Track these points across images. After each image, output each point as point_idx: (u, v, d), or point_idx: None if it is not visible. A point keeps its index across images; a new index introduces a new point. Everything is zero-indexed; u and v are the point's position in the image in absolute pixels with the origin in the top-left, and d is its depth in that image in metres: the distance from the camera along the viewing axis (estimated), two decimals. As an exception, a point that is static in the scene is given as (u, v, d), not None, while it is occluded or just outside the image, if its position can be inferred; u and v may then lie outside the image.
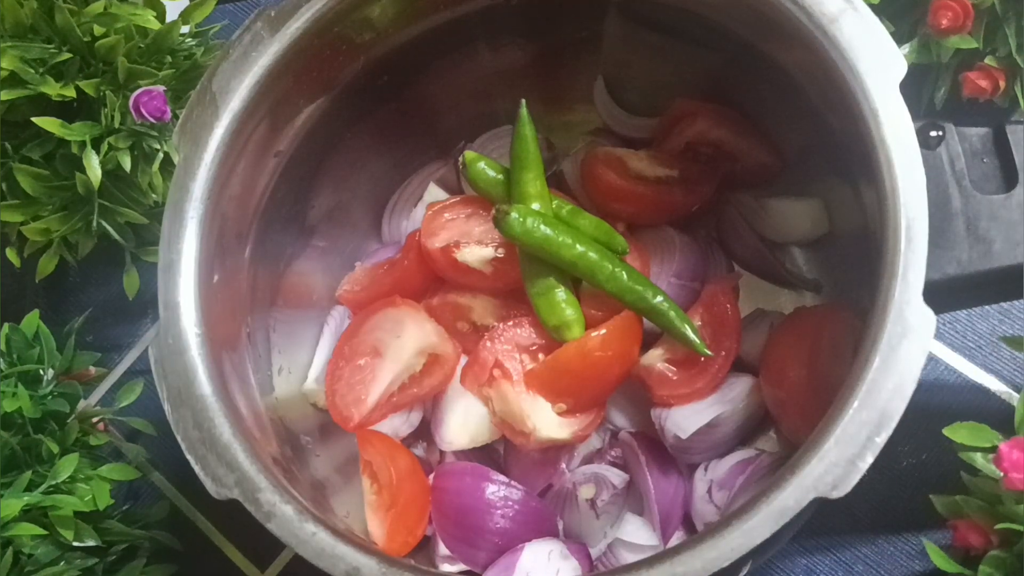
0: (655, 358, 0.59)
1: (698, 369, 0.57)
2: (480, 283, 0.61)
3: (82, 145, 0.62)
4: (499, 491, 0.56)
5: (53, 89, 0.60)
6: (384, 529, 0.56)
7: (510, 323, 0.59)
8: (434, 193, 0.68)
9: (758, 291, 0.66)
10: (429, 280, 0.63)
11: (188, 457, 0.47)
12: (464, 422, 0.59)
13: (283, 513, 0.46)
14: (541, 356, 0.59)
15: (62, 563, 0.58)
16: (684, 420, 0.57)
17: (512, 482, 0.56)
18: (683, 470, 0.60)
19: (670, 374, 0.58)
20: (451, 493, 0.57)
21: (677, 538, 0.58)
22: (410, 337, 0.59)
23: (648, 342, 0.60)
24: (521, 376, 0.58)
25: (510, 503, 0.56)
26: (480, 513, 0.55)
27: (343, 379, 0.60)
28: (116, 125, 0.63)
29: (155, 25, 0.64)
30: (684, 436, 0.56)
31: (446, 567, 0.57)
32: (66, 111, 0.63)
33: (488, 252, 0.61)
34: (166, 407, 0.48)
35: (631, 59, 0.64)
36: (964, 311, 0.67)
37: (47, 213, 0.65)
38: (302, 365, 0.64)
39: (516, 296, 0.61)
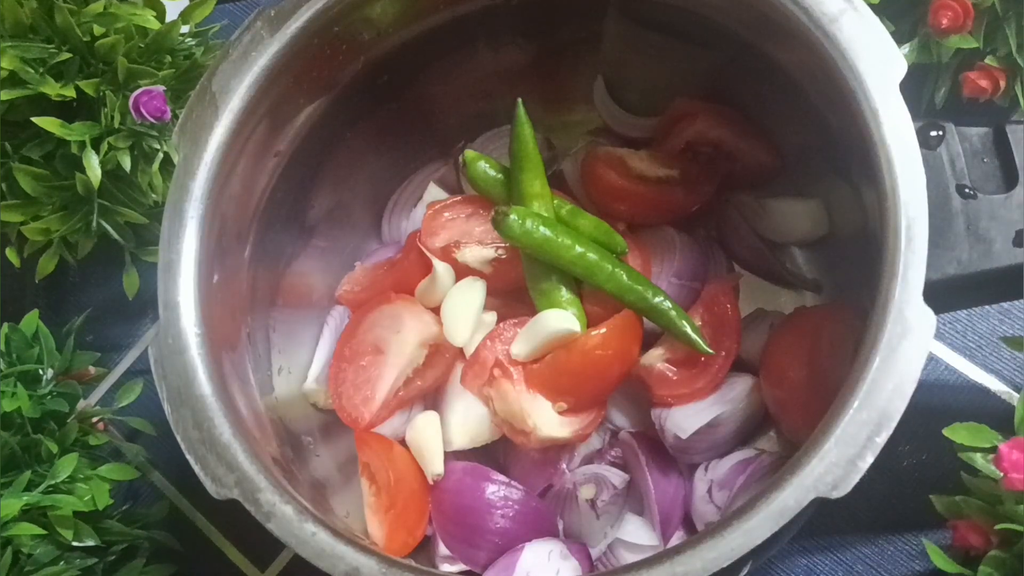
0: (655, 358, 0.59)
1: (698, 369, 0.57)
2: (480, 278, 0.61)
3: (82, 145, 0.62)
4: (499, 491, 0.56)
5: (53, 89, 0.60)
6: (384, 530, 0.56)
7: (511, 322, 0.59)
8: (434, 193, 0.68)
9: (758, 291, 0.66)
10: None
11: (188, 457, 0.47)
12: (464, 422, 0.59)
13: (283, 513, 0.45)
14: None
15: (61, 563, 0.58)
16: (684, 420, 0.57)
17: (512, 482, 0.56)
18: (683, 470, 0.60)
19: (670, 374, 0.58)
20: (451, 493, 0.57)
21: (677, 538, 0.58)
22: (410, 330, 0.59)
23: (648, 342, 0.60)
24: (521, 375, 0.58)
25: (510, 503, 0.56)
26: (480, 513, 0.55)
27: (347, 381, 0.60)
28: (116, 125, 0.63)
29: (155, 25, 0.64)
30: (684, 436, 0.56)
31: (446, 567, 0.57)
32: (66, 111, 0.63)
33: (488, 252, 0.61)
34: (166, 407, 0.48)
35: (631, 59, 0.64)
36: (964, 311, 0.67)
37: (47, 213, 0.65)
38: (302, 365, 0.64)
39: (516, 296, 0.61)
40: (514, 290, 0.61)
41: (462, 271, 0.61)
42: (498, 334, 0.59)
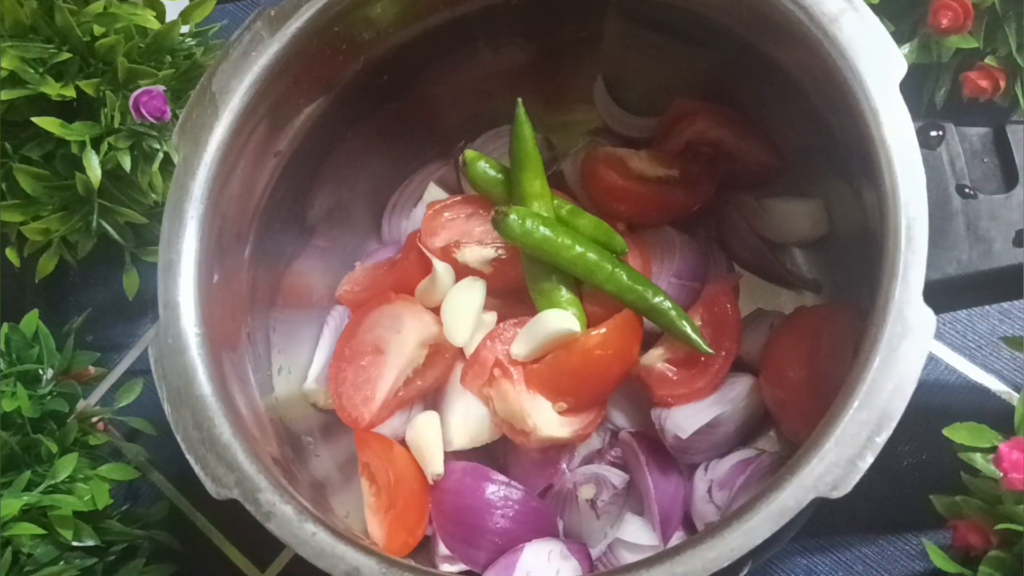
0: (655, 358, 0.59)
1: (698, 369, 0.57)
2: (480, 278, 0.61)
3: (82, 145, 0.62)
4: (499, 491, 0.56)
5: (53, 89, 0.60)
6: (384, 530, 0.56)
7: (511, 322, 0.60)
8: (434, 193, 0.68)
9: (758, 291, 0.66)
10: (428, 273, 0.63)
11: (188, 457, 0.47)
12: (464, 422, 0.59)
13: (283, 513, 0.45)
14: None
15: (61, 563, 0.58)
16: (684, 420, 0.57)
17: (512, 482, 0.56)
18: (683, 470, 0.60)
19: (670, 374, 0.58)
20: (451, 493, 0.57)
21: (677, 538, 0.58)
22: (410, 330, 0.59)
23: (648, 342, 0.60)
24: (521, 375, 0.58)
25: (510, 503, 0.56)
26: (480, 513, 0.55)
27: (347, 381, 0.60)
28: (116, 125, 0.63)
29: (155, 25, 0.64)
30: (684, 436, 0.56)
31: (446, 567, 0.57)
32: (66, 111, 0.63)
33: (488, 252, 0.61)
34: (166, 407, 0.48)
35: (631, 59, 0.64)
36: (964, 311, 0.67)
37: (47, 213, 0.65)
38: (302, 365, 0.64)
39: (516, 296, 0.61)
40: (514, 290, 0.61)
41: (462, 271, 0.61)
42: (498, 334, 0.59)
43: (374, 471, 0.57)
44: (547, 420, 0.56)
